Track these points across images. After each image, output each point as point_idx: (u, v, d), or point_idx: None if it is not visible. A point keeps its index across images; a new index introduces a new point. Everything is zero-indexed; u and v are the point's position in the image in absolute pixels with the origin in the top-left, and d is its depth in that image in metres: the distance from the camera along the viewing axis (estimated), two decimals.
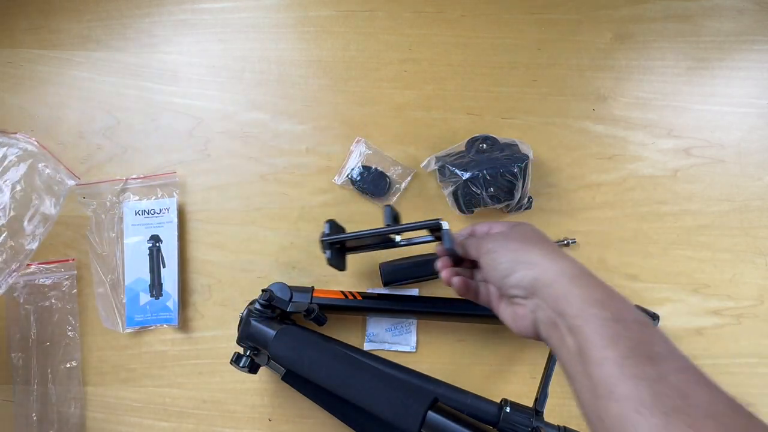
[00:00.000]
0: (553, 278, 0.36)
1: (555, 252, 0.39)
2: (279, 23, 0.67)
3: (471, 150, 0.60)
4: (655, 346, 0.31)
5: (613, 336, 0.31)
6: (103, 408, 0.61)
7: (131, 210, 0.62)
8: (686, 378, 0.30)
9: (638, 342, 0.31)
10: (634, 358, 0.30)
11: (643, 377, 0.29)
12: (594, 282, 0.35)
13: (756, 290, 0.62)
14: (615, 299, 0.34)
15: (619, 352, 0.30)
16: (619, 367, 0.30)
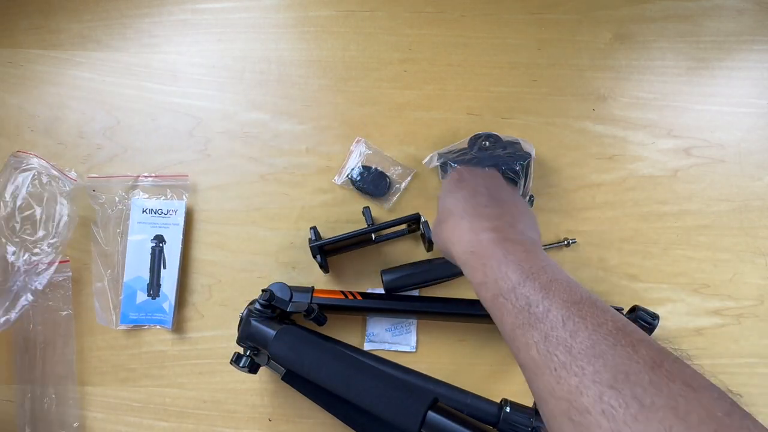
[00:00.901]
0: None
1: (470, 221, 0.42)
2: (279, 23, 0.67)
3: (473, 147, 0.60)
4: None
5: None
6: (103, 408, 0.61)
7: (138, 207, 0.62)
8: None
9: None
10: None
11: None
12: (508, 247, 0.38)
13: (756, 290, 0.62)
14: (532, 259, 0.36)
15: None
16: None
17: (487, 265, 0.37)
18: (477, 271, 0.38)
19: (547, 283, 0.33)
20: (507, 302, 0.34)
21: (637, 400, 0.25)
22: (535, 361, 0.30)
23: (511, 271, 0.35)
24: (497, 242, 0.38)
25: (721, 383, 0.60)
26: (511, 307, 0.33)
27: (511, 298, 0.33)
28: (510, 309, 0.33)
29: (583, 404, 0.26)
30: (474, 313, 0.58)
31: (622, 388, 0.26)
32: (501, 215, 0.42)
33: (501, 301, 0.34)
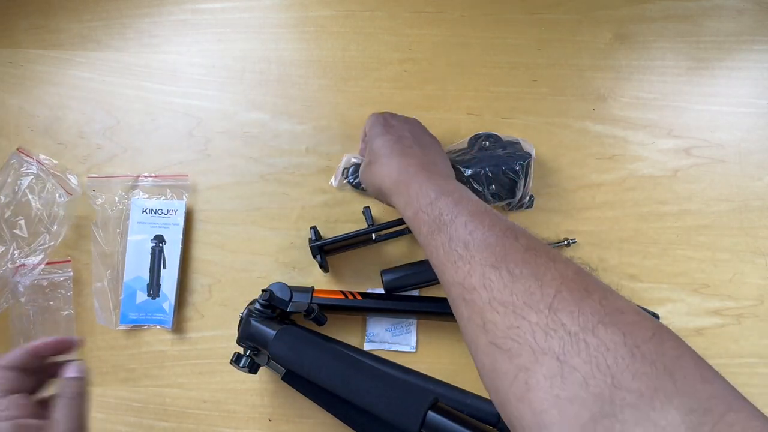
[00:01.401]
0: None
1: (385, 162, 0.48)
2: (279, 23, 0.67)
3: (473, 147, 0.60)
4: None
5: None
6: (103, 408, 0.61)
7: (138, 207, 0.62)
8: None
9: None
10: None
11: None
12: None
13: (756, 290, 0.62)
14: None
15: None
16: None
17: (411, 187, 0.43)
18: (402, 195, 0.44)
19: (458, 199, 0.39)
20: (424, 214, 0.40)
21: (509, 272, 0.31)
22: (440, 259, 0.37)
23: (431, 190, 0.41)
24: (420, 170, 0.45)
25: None
26: (427, 218, 0.39)
27: (428, 210, 0.40)
28: (426, 219, 0.39)
29: (471, 283, 0.33)
30: None
31: (499, 266, 0.32)
32: (424, 154, 0.49)
33: (420, 215, 0.40)
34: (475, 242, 0.34)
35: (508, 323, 0.29)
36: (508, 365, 0.29)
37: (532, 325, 0.28)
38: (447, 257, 0.36)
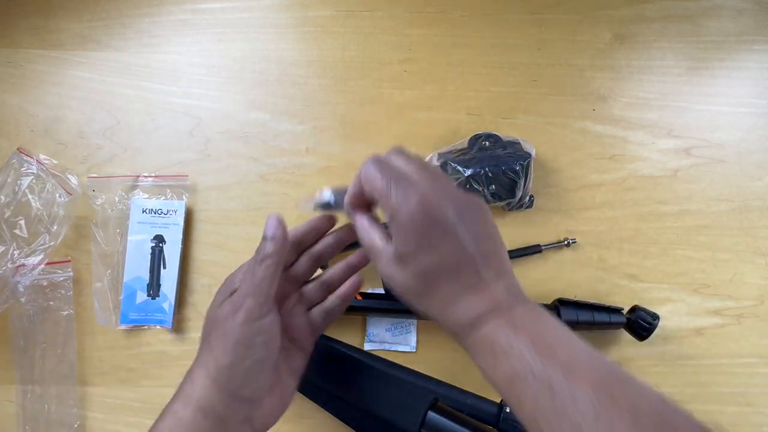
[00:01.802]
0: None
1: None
2: (279, 23, 0.67)
3: (473, 147, 0.60)
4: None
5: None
6: (103, 408, 0.61)
7: (138, 207, 0.62)
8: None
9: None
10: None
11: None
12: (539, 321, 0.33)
13: (756, 290, 0.62)
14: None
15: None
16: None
17: (498, 338, 0.32)
18: (485, 352, 0.33)
19: (568, 361, 0.29)
20: (525, 386, 0.30)
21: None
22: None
23: (525, 349, 0.30)
24: (501, 313, 0.33)
25: (722, 383, 0.60)
26: (531, 392, 0.29)
27: (529, 382, 0.29)
28: (529, 394, 0.29)
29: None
30: None
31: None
32: (501, 275, 0.35)
33: (518, 385, 0.30)
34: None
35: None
36: None
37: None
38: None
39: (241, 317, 0.35)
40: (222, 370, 0.35)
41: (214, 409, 0.35)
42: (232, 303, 0.36)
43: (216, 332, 0.36)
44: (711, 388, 0.60)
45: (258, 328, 0.36)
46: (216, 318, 0.37)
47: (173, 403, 0.37)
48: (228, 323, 0.36)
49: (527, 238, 0.63)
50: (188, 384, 0.37)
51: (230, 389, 0.36)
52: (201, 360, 0.37)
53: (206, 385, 0.36)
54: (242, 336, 0.35)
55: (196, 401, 0.35)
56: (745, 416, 0.60)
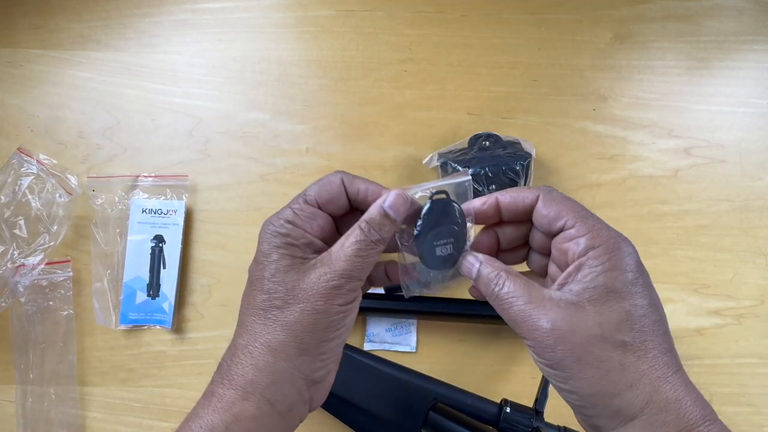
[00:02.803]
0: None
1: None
2: (279, 23, 0.67)
3: (473, 147, 0.60)
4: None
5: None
6: (103, 408, 0.61)
7: (138, 207, 0.62)
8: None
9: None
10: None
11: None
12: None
13: (756, 290, 0.62)
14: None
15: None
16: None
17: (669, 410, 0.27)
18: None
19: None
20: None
21: None
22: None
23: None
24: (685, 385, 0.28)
25: (722, 383, 0.60)
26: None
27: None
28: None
29: None
30: (474, 313, 0.58)
31: None
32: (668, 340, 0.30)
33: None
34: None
35: None
36: None
37: None
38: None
39: (341, 300, 0.31)
40: (305, 352, 0.30)
41: (286, 398, 0.31)
42: (326, 279, 0.30)
43: (291, 309, 0.30)
44: (711, 388, 0.60)
45: (351, 309, 0.32)
46: (296, 293, 0.31)
47: (224, 390, 0.30)
48: (319, 303, 0.30)
49: None
50: (247, 369, 0.30)
51: (307, 373, 0.31)
52: (262, 339, 0.31)
53: (278, 371, 0.30)
54: (335, 319, 0.31)
55: (262, 392, 0.30)
56: (745, 416, 0.60)
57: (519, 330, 0.29)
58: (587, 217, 0.31)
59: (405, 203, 0.32)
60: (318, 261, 0.32)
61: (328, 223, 0.34)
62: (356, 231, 0.31)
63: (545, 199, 0.32)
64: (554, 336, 0.28)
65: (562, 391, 0.29)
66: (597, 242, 0.29)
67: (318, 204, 0.33)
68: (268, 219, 0.33)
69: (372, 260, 0.31)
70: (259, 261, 0.33)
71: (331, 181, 0.33)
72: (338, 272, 0.31)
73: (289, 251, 0.32)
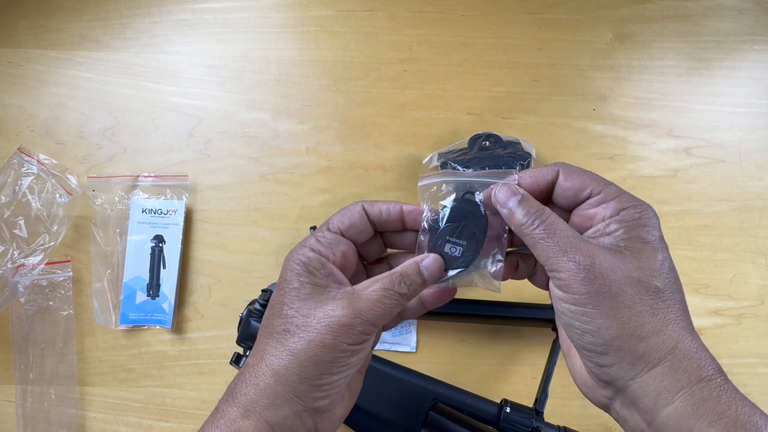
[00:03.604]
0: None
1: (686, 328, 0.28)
2: (279, 23, 0.67)
3: (473, 147, 0.60)
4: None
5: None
6: (103, 408, 0.61)
7: (138, 208, 0.62)
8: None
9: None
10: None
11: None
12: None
13: (756, 290, 0.62)
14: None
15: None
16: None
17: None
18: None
19: None
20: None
21: None
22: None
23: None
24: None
25: None
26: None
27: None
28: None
29: None
30: (474, 313, 0.58)
31: None
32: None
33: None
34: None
35: None
36: None
37: None
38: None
39: (350, 339, 0.30)
40: (304, 381, 0.30)
41: (285, 422, 0.30)
42: (340, 315, 0.30)
43: (300, 336, 0.30)
44: None
45: (361, 349, 0.31)
46: (308, 321, 0.31)
47: (227, 407, 0.31)
48: (327, 337, 0.30)
49: None
50: (249, 388, 0.31)
51: (307, 401, 0.31)
52: (268, 361, 0.31)
53: (277, 393, 0.30)
54: (341, 356, 0.31)
55: (261, 412, 0.30)
56: None
57: (553, 262, 0.29)
58: (611, 184, 0.32)
59: (440, 270, 0.33)
60: (340, 294, 0.32)
61: (350, 249, 0.34)
62: (387, 279, 0.32)
63: (566, 172, 0.33)
64: (594, 270, 0.28)
65: (585, 334, 0.29)
66: (627, 204, 0.31)
67: (341, 231, 0.34)
68: (294, 248, 0.34)
69: (393, 311, 0.32)
70: (281, 287, 0.33)
71: (352, 208, 0.34)
72: (355, 312, 0.31)
73: (309, 279, 0.32)
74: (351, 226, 0.34)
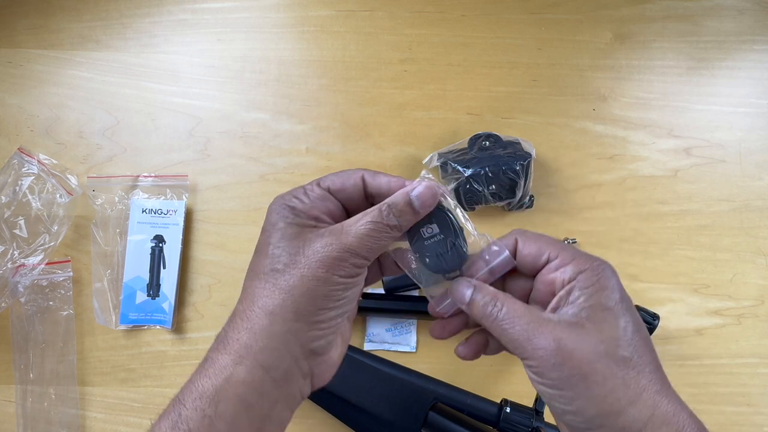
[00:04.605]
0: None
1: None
2: (279, 23, 0.67)
3: (473, 147, 0.60)
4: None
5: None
6: (103, 408, 0.61)
7: (138, 207, 0.62)
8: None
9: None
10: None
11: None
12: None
13: (756, 290, 0.62)
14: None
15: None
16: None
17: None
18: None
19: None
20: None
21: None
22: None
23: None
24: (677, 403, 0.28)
25: (722, 383, 0.60)
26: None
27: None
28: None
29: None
30: None
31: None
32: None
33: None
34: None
35: None
36: None
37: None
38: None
39: (343, 272, 0.30)
40: (301, 318, 0.29)
41: (280, 365, 0.29)
42: (330, 249, 0.30)
43: (291, 273, 0.30)
44: (711, 388, 0.60)
45: (354, 283, 0.31)
46: (298, 259, 0.30)
47: (218, 355, 0.29)
48: (320, 271, 0.29)
49: None
50: (242, 333, 0.29)
51: (304, 341, 0.30)
52: (261, 302, 0.30)
53: (272, 335, 0.29)
54: (336, 289, 0.30)
55: (255, 356, 0.29)
56: (745, 416, 0.60)
57: (521, 351, 0.30)
58: (566, 248, 0.31)
59: (433, 198, 0.31)
60: (327, 231, 0.31)
61: (338, 209, 0.33)
62: (375, 211, 0.31)
63: (523, 240, 0.33)
64: (561, 354, 0.28)
65: (566, 414, 0.29)
66: (583, 266, 0.30)
67: (330, 190, 0.33)
68: (279, 195, 0.33)
69: (383, 244, 0.31)
70: (266, 230, 0.32)
71: (350, 174, 0.33)
72: (344, 246, 0.30)
73: (296, 221, 0.32)
74: (342, 189, 0.33)
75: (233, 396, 0.28)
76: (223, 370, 0.28)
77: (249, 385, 0.28)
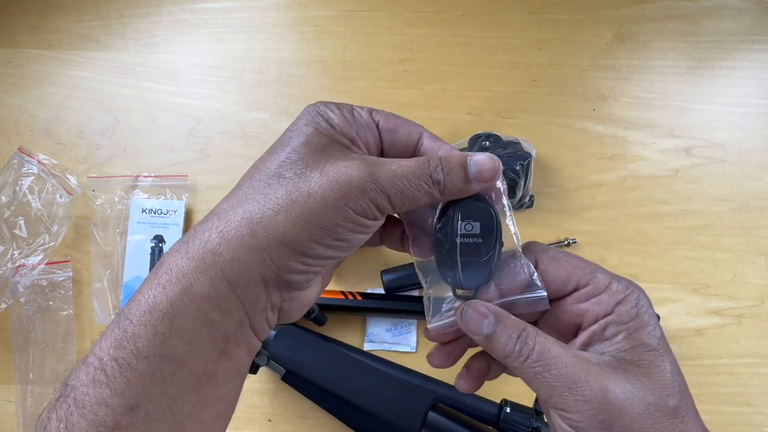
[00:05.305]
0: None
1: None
2: (279, 23, 0.67)
3: (473, 147, 0.60)
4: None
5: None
6: None
7: (138, 207, 0.62)
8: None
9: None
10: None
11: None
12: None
13: (756, 290, 0.62)
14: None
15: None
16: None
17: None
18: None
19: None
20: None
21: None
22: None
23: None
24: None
25: (722, 383, 0.60)
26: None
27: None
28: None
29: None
30: None
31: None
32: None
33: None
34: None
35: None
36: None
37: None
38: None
39: (359, 207, 0.24)
40: (287, 242, 0.24)
41: (248, 286, 0.24)
42: (355, 176, 0.24)
43: (297, 185, 0.24)
44: (711, 388, 0.60)
45: (363, 227, 0.25)
46: (312, 173, 0.25)
47: (177, 259, 0.24)
48: (333, 195, 0.24)
49: (527, 238, 0.62)
50: (212, 234, 0.24)
51: (282, 269, 0.24)
52: (247, 207, 0.25)
53: (248, 249, 0.24)
54: (341, 224, 0.24)
55: (222, 267, 0.23)
56: (745, 416, 0.60)
57: (558, 401, 0.24)
58: (595, 271, 0.27)
59: (492, 172, 0.26)
60: (360, 157, 0.26)
61: (376, 148, 0.28)
62: (422, 159, 0.26)
63: (546, 261, 0.28)
64: (611, 410, 0.24)
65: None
66: (619, 296, 0.26)
67: (378, 125, 0.27)
68: (320, 101, 0.27)
69: (416, 197, 0.25)
70: (290, 130, 0.26)
71: (409, 122, 0.28)
72: (373, 176, 0.24)
73: (328, 132, 0.26)
74: (392, 131, 0.27)
75: (193, 310, 0.23)
76: (181, 278, 0.23)
77: (212, 301, 0.23)
